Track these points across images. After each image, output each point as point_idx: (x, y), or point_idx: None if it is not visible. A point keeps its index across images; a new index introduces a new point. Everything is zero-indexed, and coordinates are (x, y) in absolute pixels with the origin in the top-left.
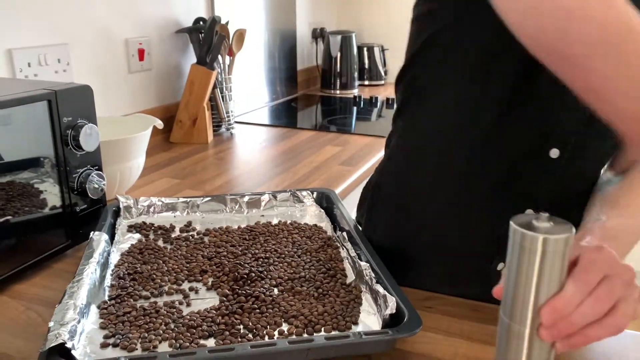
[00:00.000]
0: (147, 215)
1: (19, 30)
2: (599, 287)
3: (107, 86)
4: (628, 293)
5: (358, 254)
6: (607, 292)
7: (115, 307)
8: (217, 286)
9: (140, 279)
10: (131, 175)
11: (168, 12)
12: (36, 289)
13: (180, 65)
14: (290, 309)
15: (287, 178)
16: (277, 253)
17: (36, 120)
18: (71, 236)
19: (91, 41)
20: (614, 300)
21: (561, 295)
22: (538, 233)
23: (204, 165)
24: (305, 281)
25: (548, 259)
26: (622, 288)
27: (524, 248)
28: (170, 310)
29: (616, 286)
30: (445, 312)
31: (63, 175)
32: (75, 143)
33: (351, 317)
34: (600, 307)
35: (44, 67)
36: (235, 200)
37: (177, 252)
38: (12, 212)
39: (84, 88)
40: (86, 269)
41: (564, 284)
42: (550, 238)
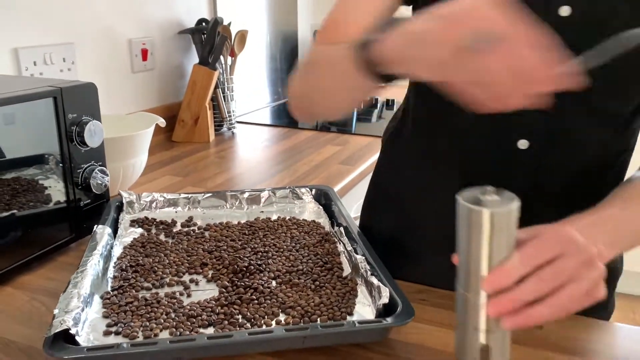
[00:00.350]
0: (149, 210)
1: (25, 30)
2: (547, 265)
3: (111, 85)
4: (583, 274)
5: (354, 248)
6: (554, 271)
7: (117, 297)
8: (217, 278)
9: (142, 271)
10: (134, 172)
11: (171, 13)
12: (41, 280)
13: (183, 65)
14: (288, 300)
15: (287, 176)
16: (276, 247)
17: (41, 117)
18: (75, 230)
19: (96, 41)
20: (561, 280)
21: (502, 267)
22: (484, 207)
23: (205, 163)
24: (303, 274)
25: (494, 231)
26: (575, 268)
27: (471, 222)
28: (171, 301)
29: (567, 265)
30: (438, 305)
31: (68, 171)
32: (80, 139)
33: (346, 308)
34: (544, 285)
35: (50, 65)
36: (236, 197)
37: (178, 246)
38: (17, 207)
39: (89, 85)
40: (90, 260)
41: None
42: (495, 212)
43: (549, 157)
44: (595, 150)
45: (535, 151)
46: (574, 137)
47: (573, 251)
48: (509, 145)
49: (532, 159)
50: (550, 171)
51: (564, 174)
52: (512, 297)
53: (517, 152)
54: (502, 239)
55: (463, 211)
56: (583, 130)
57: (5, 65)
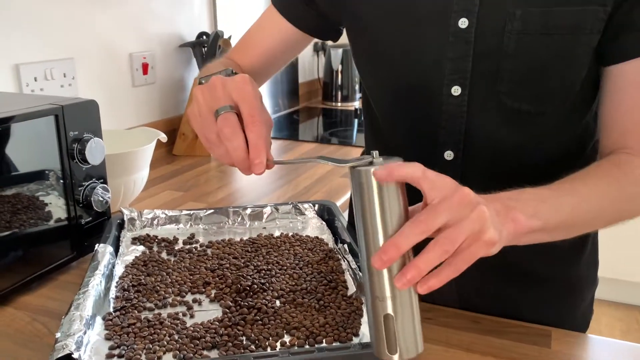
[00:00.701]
0: (151, 227)
1: (25, 46)
2: (443, 231)
3: (112, 100)
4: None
5: (359, 266)
6: (452, 236)
7: (120, 318)
8: (220, 298)
9: (144, 291)
10: (135, 187)
11: (171, 27)
12: (42, 300)
13: (184, 78)
14: (292, 320)
15: (289, 190)
16: (279, 265)
17: (42, 134)
18: (76, 248)
19: (96, 55)
20: (457, 244)
21: (393, 239)
22: (370, 167)
23: (206, 177)
24: (307, 293)
25: (382, 190)
26: (469, 228)
27: (361, 185)
28: (174, 322)
29: (461, 229)
30: (446, 324)
31: (69, 188)
32: (81, 157)
33: (352, 328)
34: (445, 252)
35: (50, 81)
36: (238, 213)
37: (180, 264)
38: (18, 225)
39: (90, 103)
40: (92, 280)
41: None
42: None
43: (476, 166)
44: (523, 155)
45: (461, 161)
46: (496, 144)
47: (467, 213)
48: (438, 157)
49: (459, 169)
50: (479, 179)
51: (494, 182)
52: (417, 266)
53: (445, 163)
54: (391, 199)
55: (354, 176)
56: (502, 135)
57: (6, 82)
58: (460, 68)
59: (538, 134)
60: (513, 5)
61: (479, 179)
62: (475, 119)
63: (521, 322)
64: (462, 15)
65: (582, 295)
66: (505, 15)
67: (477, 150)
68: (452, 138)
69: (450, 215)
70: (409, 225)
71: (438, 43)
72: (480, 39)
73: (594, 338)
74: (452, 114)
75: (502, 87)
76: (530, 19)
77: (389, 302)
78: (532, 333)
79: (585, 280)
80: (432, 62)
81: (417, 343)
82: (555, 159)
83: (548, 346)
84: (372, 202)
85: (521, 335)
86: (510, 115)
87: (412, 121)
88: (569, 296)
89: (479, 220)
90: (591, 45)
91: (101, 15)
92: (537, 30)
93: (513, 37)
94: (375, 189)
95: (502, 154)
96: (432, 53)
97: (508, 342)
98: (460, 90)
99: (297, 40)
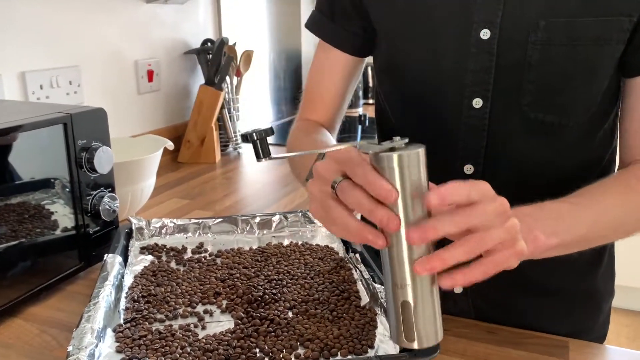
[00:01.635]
0: (159, 236)
1: (31, 53)
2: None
3: (117, 107)
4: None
5: (372, 275)
6: (481, 237)
7: (130, 330)
8: (232, 309)
9: (154, 302)
10: (142, 196)
11: (176, 34)
12: (50, 312)
13: (189, 85)
14: (306, 332)
15: (297, 197)
16: (290, 275)
17: (50, 143)
18: (84, 258)
19: (101, 63)
20: (485, 247)
21: (432, 220)
22: (393, 152)
23: (212, 185)
24: (320, 303)
25: (404, 173)
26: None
27: (383, 168)
28: (185, 334)
29: (492, 234)
30: (461, 335)
31: (77, 198)
32: (90, 166)
33: (367, 340)
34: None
35: (56, 89)
36: (247, 222)
37: (190, 274)
38: (24, 234)
39: (99, 111)
40: (102, 291)
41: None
42: (402, 154)
43: (495, 180)
44: (544, 169)
45: (481, 175)
46: (516, 158)
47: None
48: (457, 171)
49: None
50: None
51: (515, 196)
52: (441, 258)
53: (464, 177)
54: (413, 182)
55: (375, 161)
56: (523, 148)
57: (12, 89)
58: (482, 80)
59: (559, 146)
60: (537, 16)
61: (499, 192)
62: (497, 132)
63: (538, 333)
64: (484, 26)
65: (600, 306)
66: (528, 26)
67: (497, 164)
68: (472, 152)
69: (485, 219)
70: (449, 214)
71: (459, 54)
72: (503, 50)
73: (612, 349)
74: (473, 127)
75: (525, 99)
76: (554, 29)
77: (409, 289)
78: (549, 344)
79: (602, 293)
80: (452, 73)
81: (437, 332)
82: (575, 171)
83: (565, 357)
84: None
85: (538, 346)
86: (533, 128)
87: (430, 133)
88: (586, 308)
89: (511, 230)
90: (615, 56)
91: (106, 23)
92: (562, 41)
93: (537, 48)
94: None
95: (522, 168)
96: (452, 64)
97: (525, 354)
98: (482, 103)
99: (356, 66)
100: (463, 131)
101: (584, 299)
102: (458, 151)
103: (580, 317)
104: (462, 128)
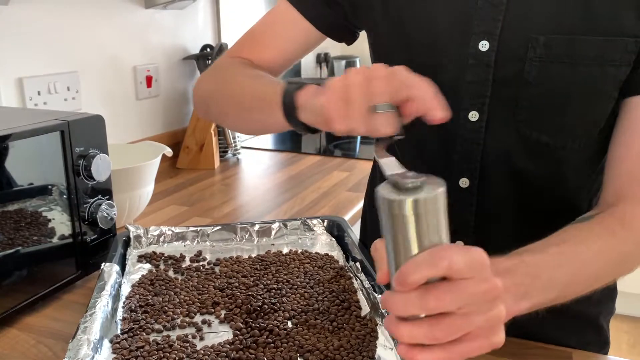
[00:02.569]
0: (157, 244)
1: (29, 59)
2: (445, 317)
3: (115, 113)
4: (486, 329)
5: (372, 285)
6: (451, 328)
7: (127, 341)
8: (230, 319)
9: (152, 312)
10: (140, 203)
11: (175, 39)
12: (46, 321)
13: (188, 91)
14: (306, 343)
15: (296, 204)
16: (289, 284)
17: (47, 150)
18: (81, 266)
19: (100, 69)
20: (454, 337)
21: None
22: (405, 196)
23: (211, 191)
24: (320, 314)
25: (418, 220)
26: (479, 323)
27: (393, 215)
28: (183, 345)
29: (470, 323)
30: None
31: (74, 205)
32: (87, 173)
33: (368, 351)
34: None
35: (54, 95)
36: (246, 229)
37: (188, 283)
38: (21, 242)
39: (96, 118)
40: (98, 302)
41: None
42: (419, 199)
43: (491, 195)
44: (542, 189)
45: (476, 189)
46: (512, 174)
47: (482, 306)
48: (453, 184)
49: (474, 197)
50: (494, 209)
51: (511, 212)
52: (399, 331)
53: (460, 190)
54: (431, 226)
55: (384, 205)
56: (519, 165)
57: (10, 96)
58: (478, 93)
59: (556, 169)
60: (537, 31)
61: (494, 208)
62: (493, 146)
63: (541, 344)
64: (483, 38)
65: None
66: (527, 41)
67: (493, 179)
68: (468, 165)
69: (467, 303)
70: (421, 292)
71: (456, 65)
72: (501, 64)
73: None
74: (469, 140)
75: (521, 115)
76: (554, 46)
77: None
78: (553, 355)
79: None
80: (449, 84)
81: None
82: (575, 195)
83: None
84: (405, 232)
85: (541, 357)
86: (528, 146)
87: (425, 145)
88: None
89: (493, 320)
90: (619, 78)
91: (105, 28)
92: (561, 58)
93: (535, 64)
94: (412, 221)
95: (518, 185)
96: (449, 74)
97: None
98: (478, 116)
99: (314, 40)
100: (459, 144)
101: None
102: (454, 164)
103: (584, 327)
104: (458, 141)
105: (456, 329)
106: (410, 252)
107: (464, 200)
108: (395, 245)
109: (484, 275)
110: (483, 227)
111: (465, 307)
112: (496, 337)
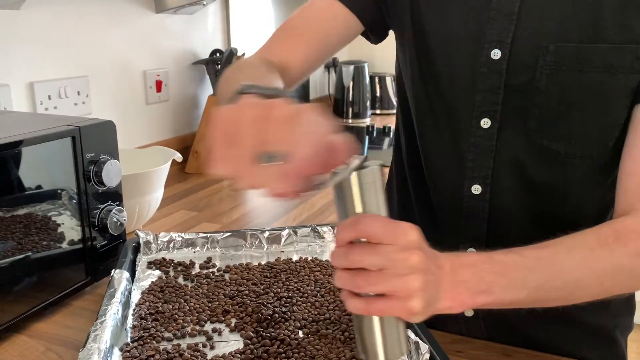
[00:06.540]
0: (167, 251)
1: (40, 64)
2: (365, 271)
3: (125, 118)
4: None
5: None
6: (371, 280)
7: (138, 349)
8: (241, 328)
9: (162, 319)
10: (150, 208)
11: (185, 44)
12: (56, 328)
13: (197, 96)
14: (317, 353)
15: (305, 210)
16: (300, 292)
17: (58, 156)
18: (91, 272)
19: (110, 73)
20: (371, 289)
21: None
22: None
23: (220, 197)
24: (331, 323)
25: (364, 191)
26: (395, 285)
27: (341, 187)
28: (194, 354)
29: (387, 283)
30: (476, 357)
31: (84, 211)
32: (98, 179)
33: None
34: (353, 287)
35: (64, 99)
36: (256, 236)
37: (198, 291)
38: (30, 247)
39: (107, 124)
40: (109, 309)
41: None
42: (360, 171)
43: (503, 202)
44: (554, 197)
45: (488, 196)
46: (524, 181)
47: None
48: (465, 191)
49: (487, 204)
50: (506, 215)
51: (524, 220)
52: (338, 276)
53: (472, 197)
54: (371, 200)
55: (331, 179)
56: (531, 173)
57: (20, 100)
58: (491, 100)
59: (568, 177)
60: (547, 39)
61: (506, 215)
62: (505, 153)
63: (554, 356)
64: (495, 46)
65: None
66: (538, 49)
67: (505, 185)
68: (480, 172)
69: (383, 263)
70: (347, 248)
71: (469, 72)
72: (513, 72)
73: None
74: (481, 147)
75: (532, 123)
76: (564, 54)
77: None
78: None
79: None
80: (462, 92)
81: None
82: (588, 204)
83: None
84: (352, 202)
85: None
86: (541, 154)
87: (439, 151)
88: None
89: (408, 283)
90: (630, 86)
91: (115, 33)
92: (571, 66)
93: (545, 72)
94: (357, 191)
95: (530, 192)
96: (463, 82)
97: None
98: (490, 123)
99: (350, 37)
100: (471, 151)
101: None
102: (466, 171)
103: (599, 340)
104: (471, 148)
105: (373, 280)
106: (348, 217)
107: (476, 207)
108: (341, 213)
109: (404, 245)
110: (495, 233)
111: (383, 268)
112: (412, 302)
